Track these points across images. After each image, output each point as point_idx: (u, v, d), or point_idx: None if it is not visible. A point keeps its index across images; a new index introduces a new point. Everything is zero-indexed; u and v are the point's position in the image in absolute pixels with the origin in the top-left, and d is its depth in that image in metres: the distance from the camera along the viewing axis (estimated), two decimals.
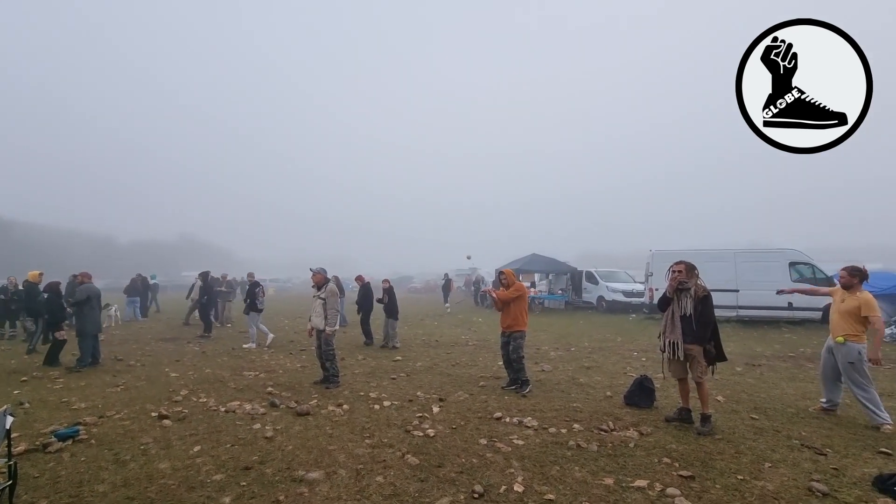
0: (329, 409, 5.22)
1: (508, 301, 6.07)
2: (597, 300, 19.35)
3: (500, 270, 6.59)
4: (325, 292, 6.42)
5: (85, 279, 8.22)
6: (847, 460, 3.77)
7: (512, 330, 6.08)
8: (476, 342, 10.59)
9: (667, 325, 4.77)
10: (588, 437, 4.32)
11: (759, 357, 8.57)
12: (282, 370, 7.44)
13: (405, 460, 3.80)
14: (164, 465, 3.72)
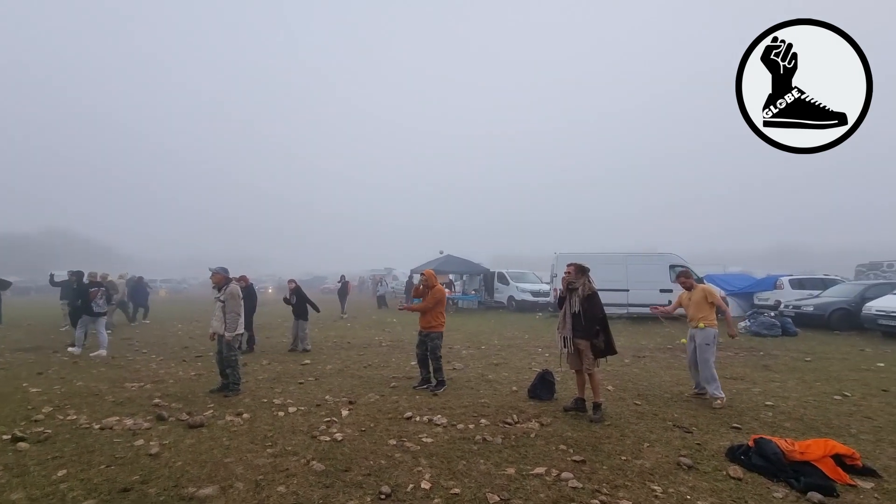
0: (227, 418, 4.85)
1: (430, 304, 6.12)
2: (507, 300, 20.26)
3: (422, 272, 6.58)
4: (224, 294, 5.96)
5: None
6: (708, 436, 4.36)
7: (429, 330, 6.14)
8: (390, 343, 10.52)
9: (560, 322, 5.18)
10: (494, 430, 4.50)
11: (644, 349, 9.58)
12: (173, 380, 6.75)
13: (310, 467, 3.65)
14: (18, 496, 3.19)
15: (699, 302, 5.61)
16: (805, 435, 4.30)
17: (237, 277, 9.71)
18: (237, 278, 9.68)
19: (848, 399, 5.67)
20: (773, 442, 3.70)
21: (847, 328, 12.46)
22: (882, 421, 4.82)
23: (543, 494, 3.22)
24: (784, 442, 3.73)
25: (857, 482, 3.37)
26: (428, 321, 6.15)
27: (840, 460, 3.56)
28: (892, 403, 5.47)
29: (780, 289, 16.97)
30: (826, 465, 3.49)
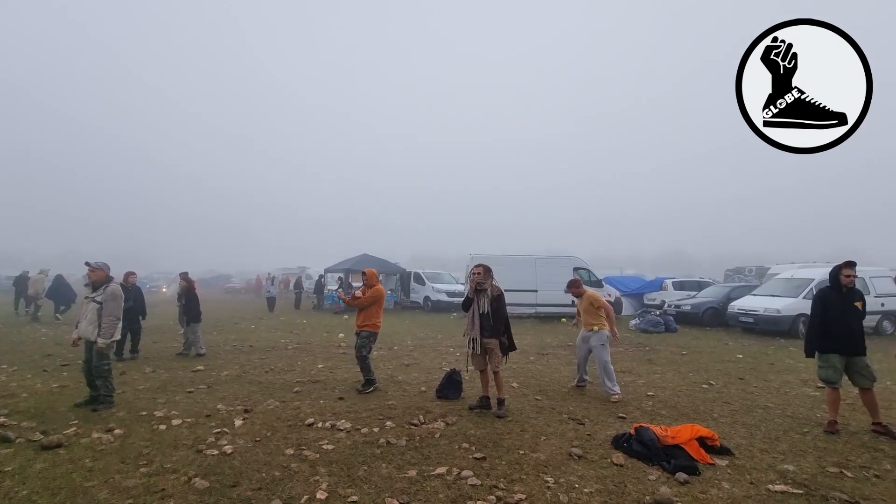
0: (93, 436, 4.23)
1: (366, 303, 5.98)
2: (423, 300, 20.36)
3: (363, 270, 6.38)
4: (103, 294, 5.19)
5: None
6: (597, 427, 4.69)
7: (361, 328, 6.04)
8: (297, 345, 10.00)
9: (468, 323, 5.28)
10: (399, 432, 4.43)
11: (548, 347, 10.14)
12: (26, 393, 5.76)
13: (191, 485, 3.30)
14: None
15: (588, 308, 6.06)
16: (677, 421, 4.80)
17: (126, 273, 8.61)
18: (126, 274, 8.58)
19: (712, 387, 6.47)
20: (651, 429, 4.08)
21: (716, 324, 14.30)
22: (737, 405, 5.56)
23: (443, 494, 3.22)
24: (659, 428, 4.13)
25: (716, 461, 3.83)
26: (363, 319, 6.03)
27: (703, 442, 4.02)
28: (746, 389, 6.34)
29: (665, 290, 19.03)
30: (692, 447, 3.92)
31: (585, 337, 6.11)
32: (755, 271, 23.90)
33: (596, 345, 5.94)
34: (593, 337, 5.98)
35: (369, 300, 6.00)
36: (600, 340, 5.92)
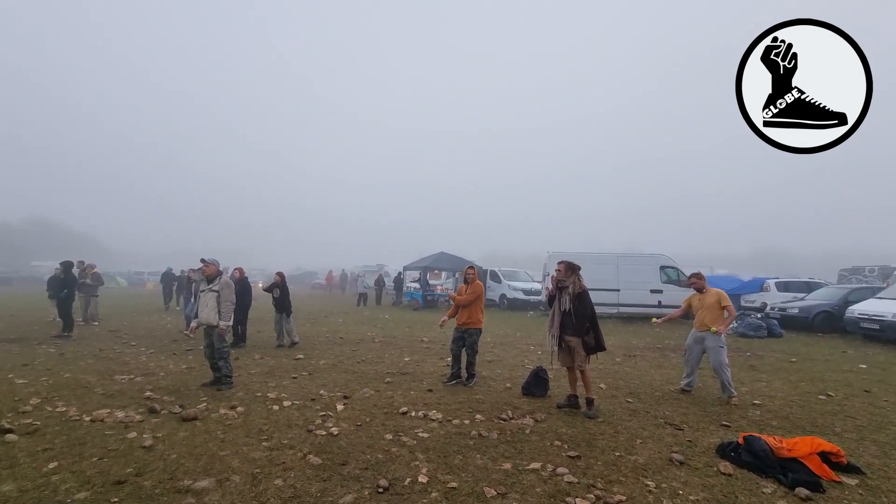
0: (221, 412, 4.82)
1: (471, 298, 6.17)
2: (499, 298, 20.35)
3: (470, 265, 6.46)
4: (218, 284, 5.90)
5: None
6: (698, 433, 4.44)
7: (468, 326, 6.17)
8: (382, 339, 10.52)
9: (549, 320, 5.24)
10: (489, 426, 4.54)
11: (634, 348, 9.70)
12: (163, 373, 6.69)
13: (307, 461, 3.65)
14: (9, 487, 3.14)
15: (712, 305, 5.69)
16: (791, 433, 4.40)
17: (235, 269, 9.66)
18: (235, 269, 9.62)
19: (832, 399, 5.81)
20: (762, 439, 3.79)
21: (830, 330, 12.74)
22: (864, 420, 4.96)
23: (540, 489, 3.26)
24: (772, 439, 3.82)
25: (843, 478, 3.46)
26: (468, 317, 6.16)
27: (826, 457, 3.65)
28: (874, 404, 5.62)
29: (767, 291, 17.29)
30: (812, 461, 3.58)
31: (700, 337, 5.76)
32: (877, 271, 20.91)
33: (714, 346, 5.63)
34: (710, 338, 5.65)
35: (472, 297, 6.14)
36: (718, 342, 5.62)
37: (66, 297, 10.20)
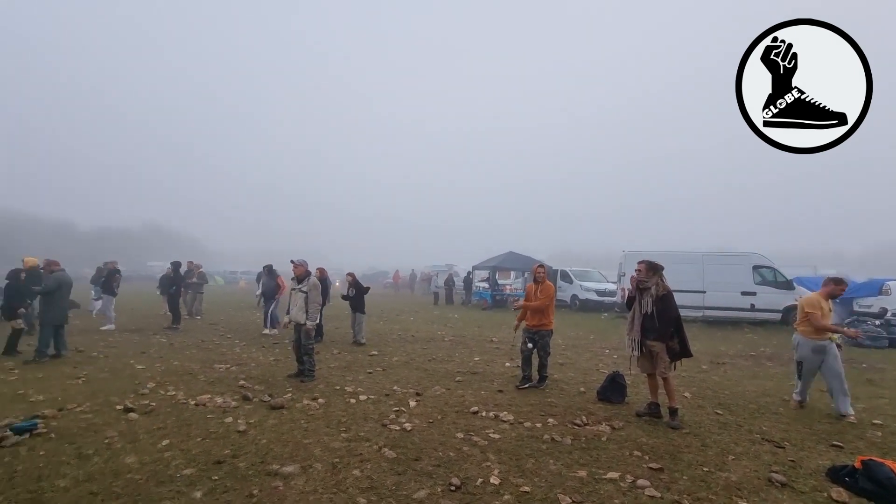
0: (304, 402, 5.15)
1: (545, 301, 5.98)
2: (570, 298, 19.71)
3: (539, 263, 6.36)
4: (306, 285, 6.31)
5: (54, 267, 7.78)
6: (803, 453, 3.97)
7: (540, 328, 6.03)
8: (452, 338, 10.63)
9: (629, 323, 4.95)
10: (562, 431, 4.41)
11: (723, 355, 8.91)
12: (254, 363, 7.29)
13: (382, 454, 3.79)
14: (131, 460, 3.59)
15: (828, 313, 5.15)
16: None
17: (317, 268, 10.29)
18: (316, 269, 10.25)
19: None
20: (886, 465, 3.30)
21: None
22: None
23: (618, 500, 3.11)
24: None
25: None
26: (539, 319, 6.00)
27: None
28: None
29: (887, 294, 15.03)
30: None
31: (819, 347, 5.08)
32: None
33: (833, 356, 5.06)
34: (833, 347, 5.09)
35: (546, 301, 5.98)
36: (836, 351, 5.09)
37: (175, 293, 11.50)
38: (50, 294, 7.30)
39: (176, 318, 11.19)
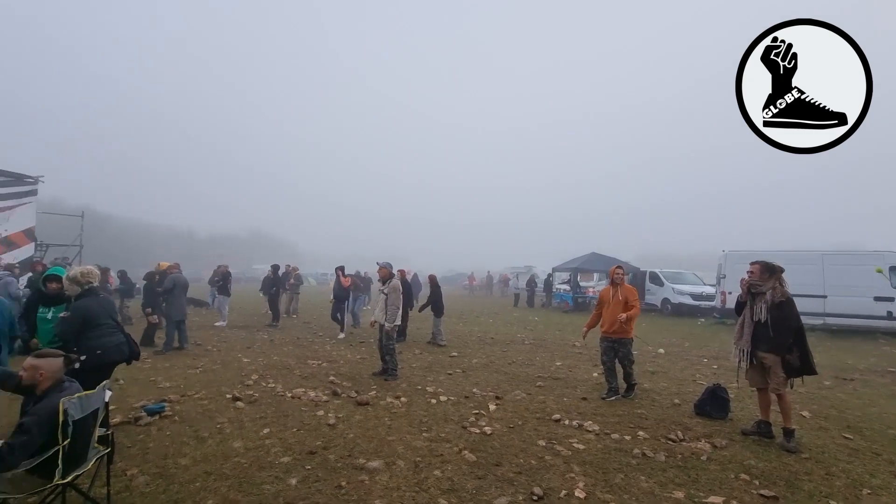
0: (388, 400, 5.34)
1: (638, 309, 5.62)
2: (661, 302, 18.35)
3: (617, 265, 5.96)
4: (387, 288, 6.57)
5: (172, 269, 8.94)
6: None
7: (619, 336, 5.56)
8: (532, 341, 10.40)
9: (737, 331, 4.45)
10: (655, 445, 4.09)
11: (850, 370, 7.72)
12: (343, 361, 7.72)
13: (462, 456, 3.80)
14: (238, 445, 3.98)
15: None
16: None
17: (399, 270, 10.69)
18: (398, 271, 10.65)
19: None
20: None
21: None
22: None
23: None
24: None
25: None
26: (621, 326, 5.50)
27: None
28: None
29: None
30: None
31: None
32: None
33: None
34: None
35: (638, 311, 5.59)
36: None
37: (275, 293, 12.59)
38: (168, 293, 8.37)
39: (275, 317, 12.25)
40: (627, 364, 5.64)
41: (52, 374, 2.68)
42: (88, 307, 3.83)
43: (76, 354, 3.21)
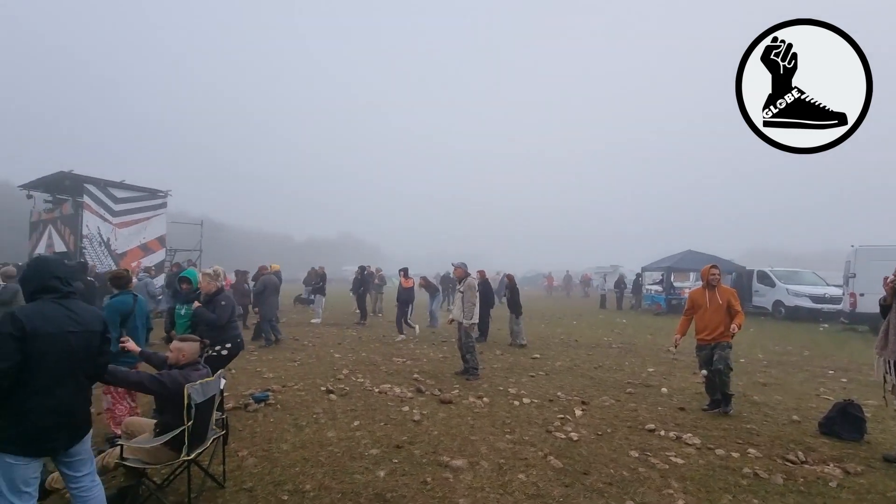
0: (470, 399, 5.36)
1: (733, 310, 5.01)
2: (772, 305, 16.36)
3: (712, 264, 5.33)
4: (463, 286, 6.63)
5: (263, 272, 9.81)
6: None
7: (719, 340, 4.96)
8: (621, 345, 9.83)
9: (880, 339, 3.82)
10: (769, 466, 3.64)
11: None
12: (426, 359, 7.91)
13: (548, 461, 3.68)
14: (331, 434, 4.23)
15: None
16: None
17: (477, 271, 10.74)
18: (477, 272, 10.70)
19: None
20: None
21: None
22: None
23: None
24: None
25: None
26: (724, 328, 4.94)
27: None
28: None
29: None
30: None
31: None
32: None
33: None
34: None
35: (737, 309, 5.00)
36: None
37: (362, 293, 13.27)
38: (260, 293, 9.19)
39: (363, 315, 12.91)
40: (725, 371, 4.92)
41: (191, 355, 3.20)
42: (231, 300, 4.72)
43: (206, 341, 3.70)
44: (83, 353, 2.23)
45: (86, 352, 2.25)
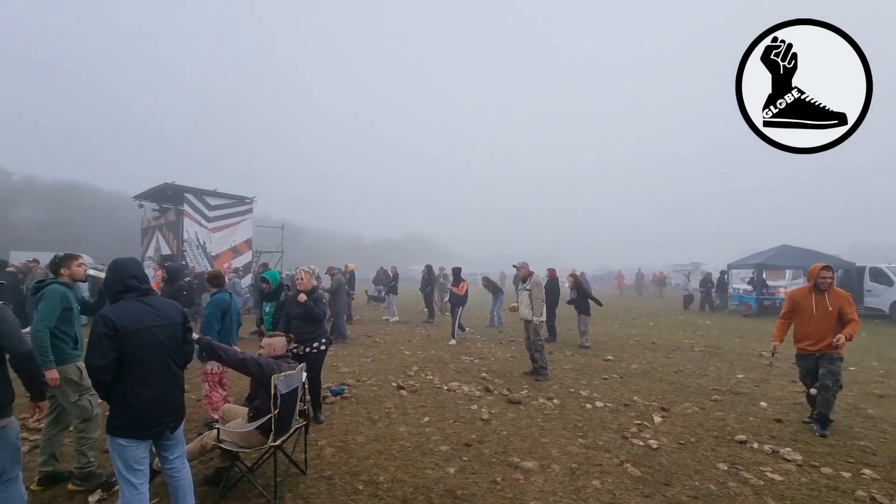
0: (540, 401, 5.26)
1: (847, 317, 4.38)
2: (890, 307, 14.31)
3: (824, 265, 4.55)
4: (530, 283, 6.51)
5: (333, 272, 10.29)
6: None
7: (827, 351, 4.34)
8: (704, 348, 9.11)
9: None
10: (890, 490, 3.19)
11: None
12: (494, 358, 7.88)
13: (624, 469, 3.51)
14: (403, 429, 4.36)
15: None
16: None
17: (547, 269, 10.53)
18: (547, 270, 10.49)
19: None
20: None
21: None
22: None
23: None
24: None
25: None
26: (830, 340, 4.30)
27: None
28: None
29: None
30: None
31: None
32: None
33: None
34: None
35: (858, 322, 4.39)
36: None
37: (430, 292, 13.51)
38: (333, 293, 9.64)
39: (430, 314, 13.13)
40: (834, 387, 4.27)
41: (280, 349, 3.55)
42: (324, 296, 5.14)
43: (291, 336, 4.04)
44: (170, 344, 2.48)
45: (172, 343, 2.50)
